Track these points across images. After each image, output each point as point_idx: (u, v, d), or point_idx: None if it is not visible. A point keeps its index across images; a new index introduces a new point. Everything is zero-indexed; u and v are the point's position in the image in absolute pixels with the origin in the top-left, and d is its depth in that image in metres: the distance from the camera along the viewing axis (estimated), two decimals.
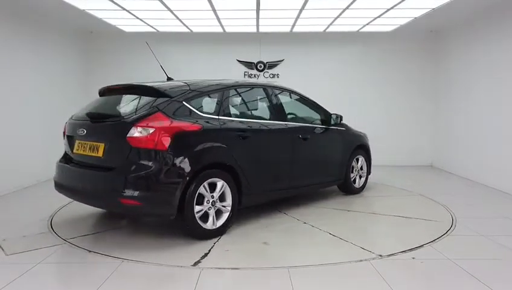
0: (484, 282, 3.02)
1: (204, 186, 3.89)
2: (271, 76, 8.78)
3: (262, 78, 8.80)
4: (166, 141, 3.66)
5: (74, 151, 4.15)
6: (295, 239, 4.07)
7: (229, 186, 4.09)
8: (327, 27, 7.84)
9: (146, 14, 6.87)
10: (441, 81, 8.46)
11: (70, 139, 4.28)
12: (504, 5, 6.16)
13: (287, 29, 8.05)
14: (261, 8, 6.38)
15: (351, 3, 6.05)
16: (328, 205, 5.40)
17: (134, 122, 3.70)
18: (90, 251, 3.67)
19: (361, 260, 3.46)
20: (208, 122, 4.06)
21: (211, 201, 3.96)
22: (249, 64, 8.86)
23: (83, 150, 4.02)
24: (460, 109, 7.64)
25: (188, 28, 7.94)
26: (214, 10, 6.47)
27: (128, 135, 3.65)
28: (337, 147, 5.70)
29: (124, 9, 6.45)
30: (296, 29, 8.00)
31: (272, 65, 8.84)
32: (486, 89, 6.75)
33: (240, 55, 8.84)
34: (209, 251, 3.68)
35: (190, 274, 3.19)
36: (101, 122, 4.06)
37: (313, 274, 3.20)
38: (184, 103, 3.99)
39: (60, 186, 4.25)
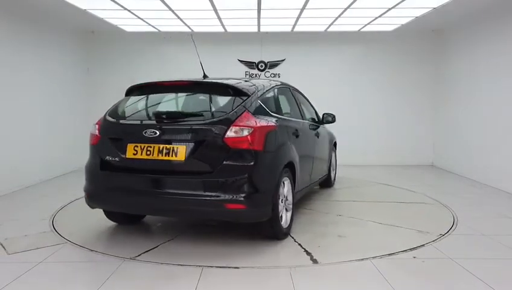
0: (485, 281, 3.01)
1: (281, 185, 3.85)
2: (272, 76, 8.78)
3: (264, 78, 8.79)
4: (262, 141, 3.56)
5: (128, 156, 3.60)
6: (356, 229, 4.33)
7: (290, 184, 4.08)
8: (328, 27, 7.84)
9: (147, 14, 6.87)
10: (442, 81, 8.45)
11: (118, 143, 3.71)
12: (505, 5, 6.15)
13: (288, 28, 8.05)
14: (262, 8, 6.38)
15: (352, 2, 6.05)
16: (326, 198, 5.42)
17: (231, 122, 3.48)
18: (91, 250, 3.68)
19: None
20: (276, 121, 4.03)
21: (284, 200, 3.92)
22: (250, 64, 8.86)
23: (148, 154, 3.53)
24: (462, 109, 7.63)
25: (189, 28, 7.95)
26: (215, 10, 6.48)
27: (226, 136, 3.42)
28: (328, 144, 6.06)
29: (125, 9, 6.46)
30: (297, 28, 8.00)
31: (273, 65, 8.84)
32: (488, 89, 6.74)
33: (241, 55, 8.84)
34: (305, 249, 3.69)
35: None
36: (181, 123, 3.64)
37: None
38: (259, 101, 3.91)
39: (106, 199, 3.76)
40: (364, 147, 8.78)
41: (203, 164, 3.46)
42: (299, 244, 3.85)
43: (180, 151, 3.46)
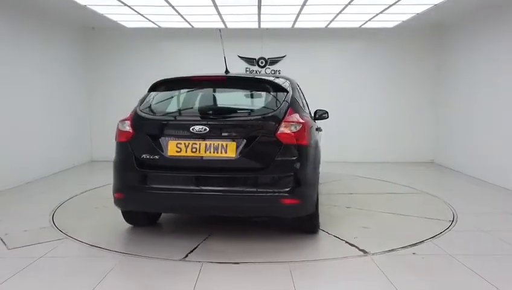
0: (485, 277, 3.02)
1: None
2: (272, 72, 8.76)
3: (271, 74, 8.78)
4: (308, 136, 3.62)
5: (170, 154, 3.47)
6: (374, 220, 4.48)
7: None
8: (329, 23, 7.82)
9: (147, 9, 6.85)
10: (443, 78, 8.43)
11: (157, 140, 3.54)
12: (505, 1, 6.12)
13: (289, 25, 8.03)
14: (262, 4, 6.36)
15: None
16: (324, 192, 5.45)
17: (281, 118, 3.49)
18: (91, 245, 3.69)
19: (360, 256, 3.46)
20: (309, 116, 4.12)
21: None
22: (250, 61, 8.84)
23: (194, 152, 3.42)
24: (462, 105, 7.61)
25: (190, 24, 7.93)
26: (216, 6, 6.46)
27: (278, 132, 3.42)
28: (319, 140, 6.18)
29: (125, 4, 6.44)
30: (298, 25, 7.97)
31: (273, 61, 8.82)
32: (489, 86, 6.72)
33: (241, 51, 8.82)
34: (346, 241, 3.80)
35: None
36: (231, 119, 3.60)
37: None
38: (295, 97, 3.91)
39: (145, 200, 3.56)
40: (364, 143, 8.77)
41: (256, 160, 3.42)
42: (335, 236, 3.94)
43: (230, 148, 3.39)
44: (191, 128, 3.42)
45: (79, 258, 3.46)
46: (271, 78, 3.98)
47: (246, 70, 8.78)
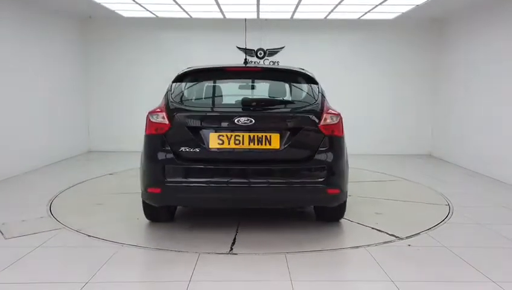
0: (479, 269, 3.05)
1: None
2: (271, 63, 8.72)
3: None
4: (343, 127, 3.69)
5: (212, 146, 3.41)
6: (383, 207, 4.64)
7: None
8: (328, 14, 7.76)
9: None
10: (441, 70, 8.41)
11: (197, 132, 3.45)
12: None
13: (288, 16, 7.97)
14: None
15: None
16: None
17: (322, 110, 3.58)
18: (89, 236, 3.70)
19: (357, 247, 3.49)
20: None
21: None
22: (249, 51, 8.79)
23: (237, 144, 3.38)
24: (460, 99, 7.61)
25: (188, 14, 7.86)
26: None
27: (321, 123, 3.50)
28: None
29: None
30: (297, 16, 7.92)
31: (272, 52, 8.78)
32: (487, 79, 6.71)
33: (240, 42, 8.77)
34: (373, 227, 3.96)
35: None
36: (275, 110, 3.62)
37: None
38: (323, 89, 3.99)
39: (183, 195, 3.46)
40: (361, 136, 8.76)
41: (300, 151, 3.47)
42: (358, 223, 4.08)
43: (274, 140, 3.40)
44: (235, 120, 3.39)
45: (76, 248, 3.47)
46: (303, 70, 4.02)
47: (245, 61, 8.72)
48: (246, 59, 4.52)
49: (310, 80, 3.93)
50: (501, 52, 6.32)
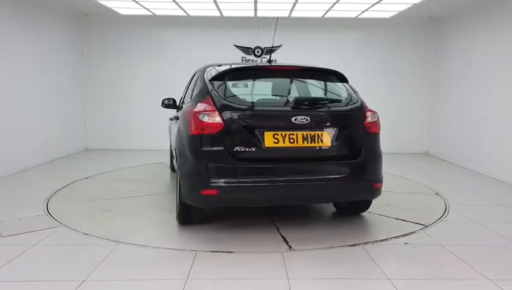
0: (475, 267, 3.06)
1: None
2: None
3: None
4: (380, 124, 3.86)
5: (267, 145, 3.39)
6: (387, 198, 4.68)
7: None
8: (325, 12, 7.76)
9: None
10: (437, 69, 8.43)
11: (252, 131, 3.40)
12: None
13: (285, 14, 7.96)
14: None
15: None
16: None
17: (364, 108, 3.76)
18: (85, 234, 3.69)
19: (354, 245, 3.50)
20: None
21: None
22: (246, 50, 8.78)
23: (291, 142, 3.42)
24: (457, 97, 7.64)
25: (185, 12, 7.84)
26: None
27: (365, 121, 3.68)
28: None
29: None
30: (295, 14, 7.91)
31: (269, 50, 8.77)
32: (483, 79, 6.73)
33: (237, 40, 8.76)
34: (398, 219, 4.19)
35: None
36: (326, 109, 3.68)
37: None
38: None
39: (241, 195, 3.41)
40: None
41: (349, 148, 3.60)
42: (380, 215, 4.31)
43: (325, 137, 3.50)
44: (292, 119, 3.42)
45: (73, 247, 3.45)
46: (336, 70, 4.12)
47: (242, 60, 8.73)
48: (270, 58, 4.56)
49: (344, 79, 4.07)
50: (498, 51, 6.34)
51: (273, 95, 4.15)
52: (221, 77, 3.80)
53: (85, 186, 5.53)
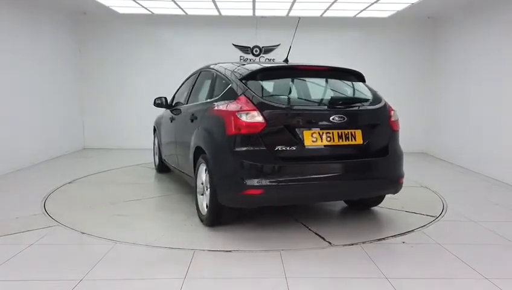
0: (472, 266, 3.07)
1: None
2: (267, 61, 8.71)
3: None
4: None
5: (307, 144, 3.45)
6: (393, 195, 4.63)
7: None
8: (324, 12, 7.76)
9: None
10: (435, 69, 8.45)
11: (292, 131, 3.44)
12: None
13: (284, 13, 7.96)
14: None
15: None
16: None
17: (389, 107, 3.95)
18: (83, 233, 3.68)
19: (351, 244, 3.51)
20: None
21: None
22: (244, 49, 8.77)
23: (328, 141, 3.50)
24: (454, 97, 7.65)
25: (183, 11, 7.83)
26: None
27: (391, 119, 3.89)
28: None
29: None
30: (293, 13, 7.91)
31: (267, 50, 8.77)
32: (481, 77, 6.74)
33: (235, 39, 8.75)
34: (408, 211, 4.41)
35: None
36: (358, 108, 3.81)
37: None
38: None
39: (286, 194, 3.44)
40: None
41: (378, 145, 3.75)
42: (389, 209, 4.48)
43: (358, 135, 3.63)
44: (331, 118, 3.53)
45: (71, 246, 3.45)
46: (356, 69, 4.23)
47: (241, 59, 8.72)
48: (286, 58, 4.67)
49: (363, 79, 4.24)
50: (497, 50, 6.35)
51: (306, 94, 4.20)
52: (253, 76, 3.78)
53: (82, 186, 5.50)
